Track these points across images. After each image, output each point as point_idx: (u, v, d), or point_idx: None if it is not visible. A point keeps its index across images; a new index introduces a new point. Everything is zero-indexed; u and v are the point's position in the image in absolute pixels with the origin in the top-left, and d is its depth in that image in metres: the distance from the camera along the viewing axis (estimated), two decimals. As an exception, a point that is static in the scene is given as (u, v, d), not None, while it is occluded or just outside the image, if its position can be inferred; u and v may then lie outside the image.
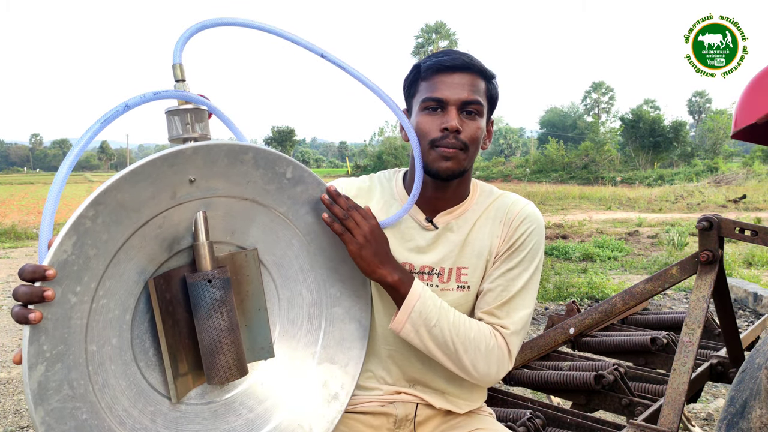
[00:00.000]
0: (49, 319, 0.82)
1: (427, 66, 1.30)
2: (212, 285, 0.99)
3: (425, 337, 1.22)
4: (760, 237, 1.88)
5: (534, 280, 1.33)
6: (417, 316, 1.20)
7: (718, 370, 2.17)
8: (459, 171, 1.30)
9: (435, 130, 1.27)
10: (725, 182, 26.33)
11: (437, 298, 1.25)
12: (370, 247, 1.18)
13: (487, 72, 1.32)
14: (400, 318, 1.21)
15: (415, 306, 1.20)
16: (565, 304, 4.30)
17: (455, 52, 1.32)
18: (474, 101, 1.28)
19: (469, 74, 1.29)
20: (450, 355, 1.23)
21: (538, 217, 1.36)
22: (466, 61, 1.29)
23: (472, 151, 1.30)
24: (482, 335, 1.25)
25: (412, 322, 1.21)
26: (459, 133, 1.27)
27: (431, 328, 1.21)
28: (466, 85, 1.28)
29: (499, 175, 40.42)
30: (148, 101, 0.97)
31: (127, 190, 0.88)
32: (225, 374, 1.01)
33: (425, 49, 48.11)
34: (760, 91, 1.38)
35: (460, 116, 1.28)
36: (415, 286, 1.22)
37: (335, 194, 1.18)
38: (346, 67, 1.19)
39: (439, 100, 1.27)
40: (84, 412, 0.87)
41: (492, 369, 1.25)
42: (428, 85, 1.29)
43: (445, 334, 1.22)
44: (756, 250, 8.37)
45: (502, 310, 1.29)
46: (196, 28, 1.06)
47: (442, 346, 1.22)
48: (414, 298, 1.21)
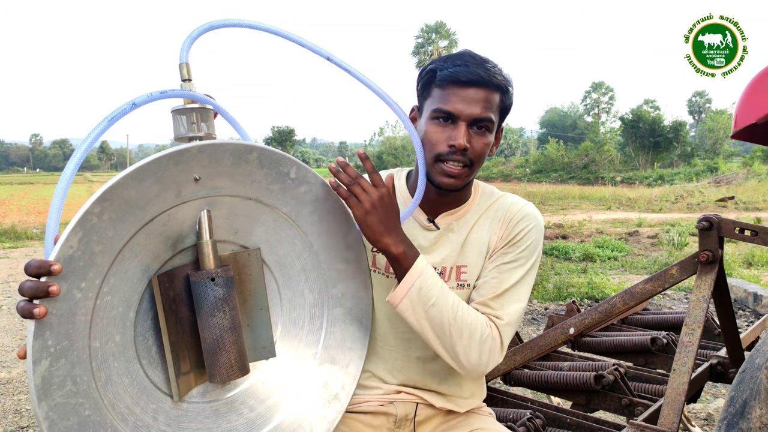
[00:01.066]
0: (54, 315, 0.82)
1: (443, 76, 1.26)
2: (215, 283, 0.99)
3: (421, 316, 1.19)
4: (760, 237, 1.88)
5: (529, 277, 1.32)
6: (416, 292, 1.18)
7: (718, 370, 2.17)
8: (461, 186, 1.30)
9: (442, 143, 1.26)
10: (725, 182, 26.32)
11: (439, 279, 1.22)
12: (377, 213, 1.16)
13: (502, 85, 1.27)
14: (399, 292, 1.18)
15: (416, 282, 1.18)
16: (565, 304, 4.30)
17: (472, 60, 1.27)
18: (485, 119, 1.25)
19: (484, 89, 1.25)
20: (444, 339, 1.21)
21: (537, 216, 1.36)
22: (482, 76, 1.24)
23: (476, 166, 1.29)
24: (479, 323, 1.23)
25: (411, 298, 1.18)
26: (466, 150, 1.25)
27: (429, 308, 1.19)
28: (480, 101, 1.24)
29: (499, 175, 40.40)
30: (155, 100, 0.98)
31: (133, 187, 0.88)
32: (227, 373, 1.01)
33: (425, 49, 48.04)
34: (760, 91, 1.38)
35: (469, 131, 1.25)
36: (419, 262, 1.19)
37: (343, 164, 1.18)
38: (352, 71, 1.19)
39: (450, 114, 1.25)
40: (87, 409, 0.87)
41: (483, 359, 1.23)
42: (441, 94, 1.26)
43: (442, 315, 1.19)
44: (756, 250, 8.37)
45: (496, 302, 1.28)
46: (203, 29, 1.06)
47: (437, 327, 1.20)
48: (416, 273, 1.18)
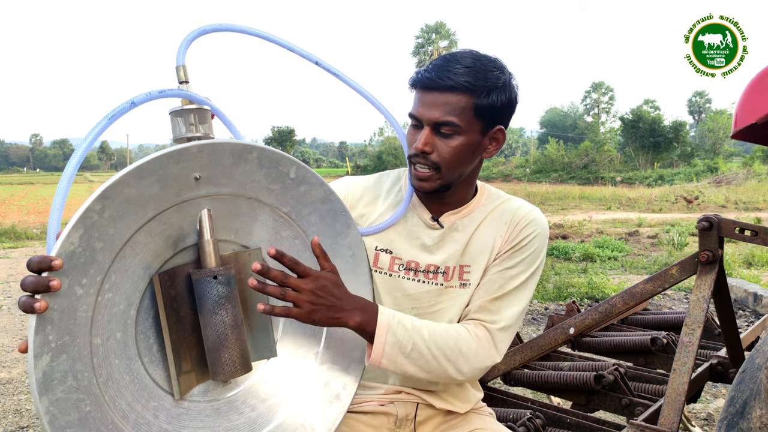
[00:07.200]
0: (56, 310, 0.82)
1: (411, 80, 1.28)
2: (217, 281, 0.99)
3: (404, 364, 1.19)
4: (760, 237, 1.88)
5: (530, 283, 1.33)
6: (390, 348, 1.17)
7: (718, 370, 2.17)
8: (435, 189, 1.29)
9: (411, 146, 1.27)
10: (725, 182, 26.32)
11: (406, 320, 1.20)
12: (320, 305, 1.07)
13: (474, 87, 1.20)
14: (375, 357, 1.17)
15: (387, 339, 1.16)
16: (565, 304, 4.31)
17: (442, 64, 1.23)
18: (446, 122, 1.21)
19: (444, 93, 1.20)
20: (433, 370, 1.21)
21: (543, 222, 1.36)
22: (438, 80, 1.20)
23: (447, 171, 1.25)
24: (462, 338, 1.23)
25: (388, 356, 1.17)
26: (428, 154, 1.24)
27: (408, 354, 1.19)
28: (439, 105, 1.21)
29: (499, 175, 40.38)
30: (153, 99, 0.99)
31: (134, 186, 0.89)
32: (230, 370, 1.01)
33: (425, 49, 48.07)
34: (760, 91, 1.38)
35: (434, 135, 1.24)
36: (381, 319, 1.16)
37: (264, 270, 0.99)
38: (340, 75, 1.21)
39: (417, 118, 1.26)
40: (87, 404, 0.87)
41: (478, 366, 1.24)
42: (413, 98, 1.28)
43: (423, 353, 1.19)
44: (756, 250, 8.37)
45: (494, 305, 1.28)
46: (197, 33, 1.08)
47: (424, 365, 1.20)
48: (383, 332, 1.16)
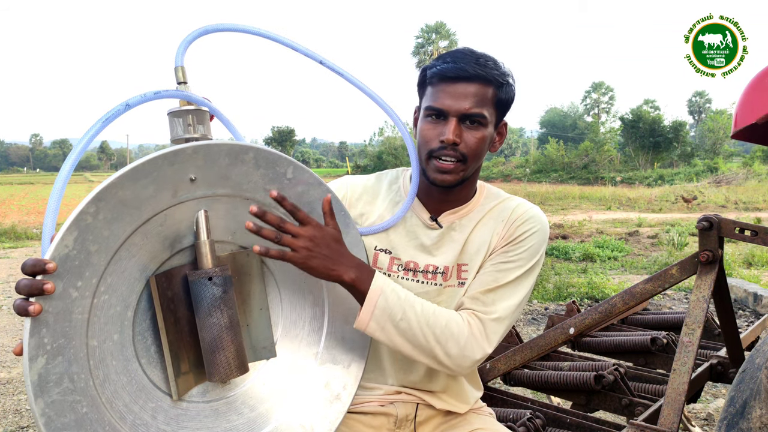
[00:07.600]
0: (50, 313, 0.82)
1: (432, 74, 1.27)
2: (213, 283, 0.99)
3: (392, 333, 1.16)
4: (760, 237, 1.88)
5: (527, 278, 1.30)
6: (380, 312, 1.14)
7: (718, 370, 2.17)
8: (456, 182, 1.29)
9: (434, 140, 1.25)
10: (725, 182, 26.32)
11: (401, 290, 1.18)
12: (317, 253, 1.07)
13: (494, 78, 1.24)
14: (364, 317, 1.14)
15: (378, 302, 1.14)
16: (565, 304, 4.30)
17: (462, 56, 1.25)
18: (475, 114, 1.23)
19: (473, 84, 1.23)
20: (421, 347, 1.18)
21: (542, 220, 1.34)
22: (469, 71, 1.22)
23: (472, 162, 1.27)
24: (453, 321, 1.21)
25: (377, 320, 1.14)
26: (457, 145, 1.24)
27: (398, 323, 1.16)
28: (469, 96, 1.23)
29: (499, 175, 40.39)
30: (148, 101, 0.99)
31: (128, 188, 0.88)
32: (225, 371, 1.01)
33: (425, 49, 48.05)
34: (760, 91, 1.38)
35: (460, 126, 1.24)
36: (376, 281, 1.15)
37: (260, 212, 1.01)
38: (345, 74, 1.19)
39: (440, 111, 1.24)
40: (84, 406, 0.87)
41: (466, 353, 1.20)
42: (432, 91, 1.27)
43: (413, 325, 1.16)
44: (756, 250, 8.37)
45: (488, 296, 1.26)
46: (198, 33, 1.07)
47: (411, 338, 1.17)
48: (375, 294, 1.14)
